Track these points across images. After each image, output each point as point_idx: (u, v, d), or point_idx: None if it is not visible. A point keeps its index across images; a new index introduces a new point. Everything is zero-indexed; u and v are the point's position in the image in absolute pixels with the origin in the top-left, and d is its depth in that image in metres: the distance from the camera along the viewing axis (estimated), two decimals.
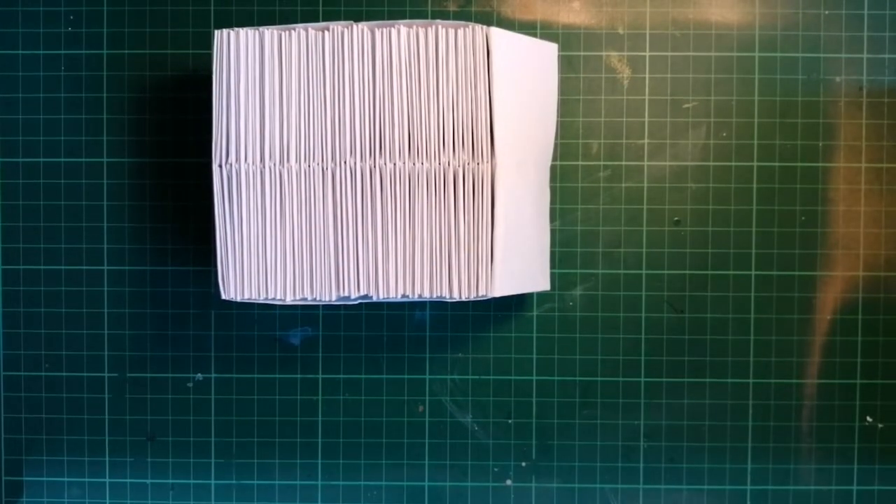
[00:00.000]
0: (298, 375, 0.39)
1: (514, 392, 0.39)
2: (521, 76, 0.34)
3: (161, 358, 0.39)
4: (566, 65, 0.39)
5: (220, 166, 0.33)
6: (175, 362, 0.39)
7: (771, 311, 0.39)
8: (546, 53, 0.35)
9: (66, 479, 0.40)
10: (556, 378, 0.39)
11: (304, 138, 0.33)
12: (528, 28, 0.39)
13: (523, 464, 0.39)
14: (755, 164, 0.39)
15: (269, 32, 0.33)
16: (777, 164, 0.39)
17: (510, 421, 0.39)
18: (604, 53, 0.39)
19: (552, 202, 0.38)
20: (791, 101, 0.39)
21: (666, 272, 0.39)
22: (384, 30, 0.32)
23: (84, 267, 0.39)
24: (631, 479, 0.39)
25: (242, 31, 0.33)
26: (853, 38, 0.38)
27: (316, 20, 0.39)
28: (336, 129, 0.33)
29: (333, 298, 0.33)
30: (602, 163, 0.39)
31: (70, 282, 0.39)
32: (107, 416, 0.40)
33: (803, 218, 0.39)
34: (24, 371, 0.39)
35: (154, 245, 0.39)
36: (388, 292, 0.33)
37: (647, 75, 0.39)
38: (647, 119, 0.39)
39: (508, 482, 0.39)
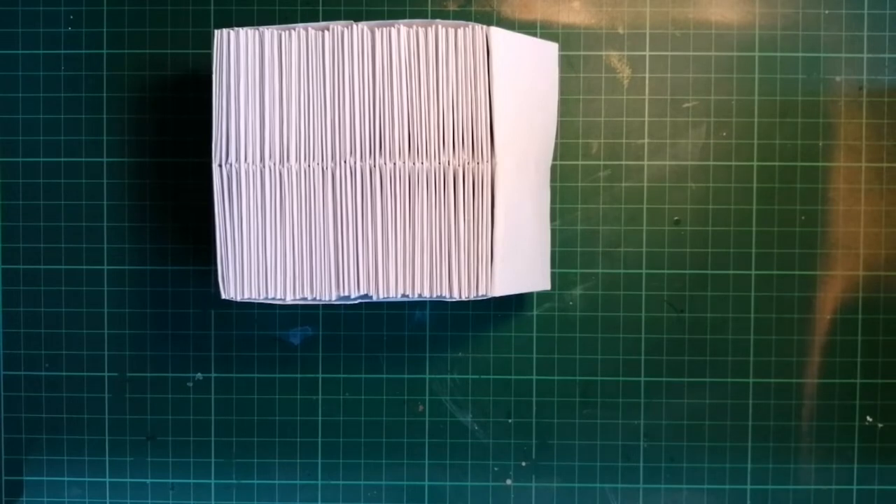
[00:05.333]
0: (298, 375, 0.39)
1: (513, 392, 0.39)
2: (522, 76, 0.34)
3: (161, 358, 0.39)
4: (566, 64, 0.39)
5: (220, 166, 0.33)
6: (175, 362, 0.39)
7: (771, 310, 0.39)
8: (546, 53, 0.35)
9: (66, 478, 0.40)
10: (556, 378, 0.39)
11: (304, 138, 0.33)
12: (528, 28, 0.39)
13: (523, 463, 0.39)
14: (755, 163, 0.39)
15: (269, 32, 0.33)
16: (777, 163, 0.39)
17: (510, 420, 0.39)
18: (604, 53, 0.39)
19: (552, 202, 0.38)
20: (791, 100, 0.39)
21: (666, 272, 0.39)
22: (384, 29, 0.32)
23: (84, 267, 0.39)
24: (631, 478, 0.39)
25: (242, 31, 0.33)
26: (853, 37, 0.39)
27: (316, 20, 0.39)
28: (336, 129, 0.33)
29: (333, 298, 0.33)
30: (602, 162, 0.39)
31: (70, 282, 0.39)
32: (107, 416, 0.40)
33: (803, 218, 0.39)
34: (24, 371, 0.40)
35: (154, 245, 0.39)
36: (388, 292, 0.33)
37: (647, 75, 0.39)
38: (647, 119, 0.39)
39: (508, 482, 0.39)
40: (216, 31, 0.33)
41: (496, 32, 0.32)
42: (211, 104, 0.33)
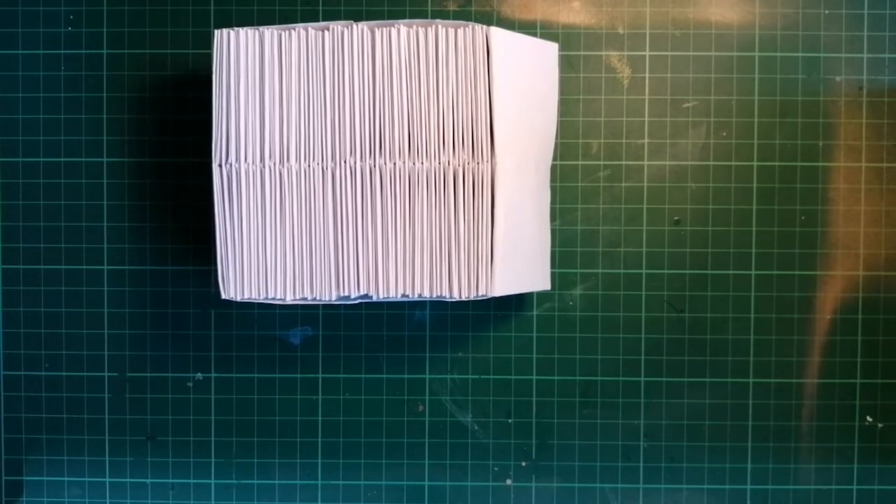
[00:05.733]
0: (298, 375, 0.39)
1: (513, 391, 0.39)
2: (522, 76, 0.34)
3: (161, 358, 0.39)
4: (566, 64, 0.39)
5: (220, 166, 0.33)
6: (175, 362, 0.39)
7: (771, 310, 0.39)
8: (546, 53, 0.35)
9: (66, 478, 0.40)
10: (556, 378, 0.39)
11: (304, 138, 0.33)
12: (528, 28, 0.39)
13: (523, 463, 0.39)
14: (755, 163, 0.39)
15: (269, 32, 0.33)
16: (777, 163, 0.39)
17: (510, 420, 0.39)
18: (604, 53, 0.39)
19: (552, 202, 0.38)
20: (791, 100, 0.39)
21: (666, 272, 0.39)
22: (384, 29, 0.32)
23: (84, 267, 0.39)
24: (631, 478, 0.39)
25: (242, 31, 0.33)
26: (853, 37, 0.39)
27: (316, 20, 0.39)
28: (336, 129, 0.33)
29: (333, 298, 0.33)
30: (602, 162, 0.39)
31: (70, 282, 0.39)
32: (107, 416, 0.40)
33: (803, 218, 0.39)
34: (24, 371, 0.40)
35: (154, 245, 0.39)
36: (388, 292, 0.33)
37: (647, 75, 0.39)
38: (647, 119, 0.39)
39: (508, 482, 0.39)
40: (216, 31, 0.33)
41: (496, 32, 0.32)
42: (211, 104, 0.33)
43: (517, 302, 0.39)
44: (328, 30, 0.33)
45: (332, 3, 0.39)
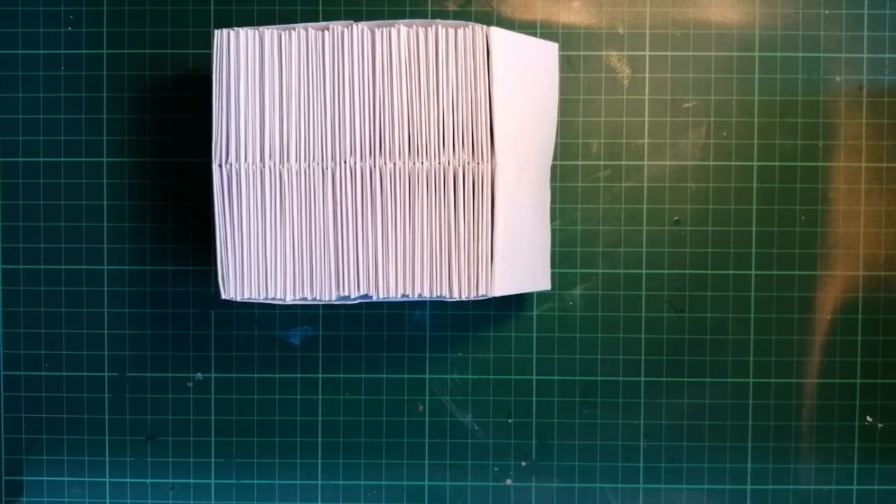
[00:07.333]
0: (298, 375, 0.39)
1: (513, 392, 0.39)
2: (521, 76, 0.34)
3: (161, 357, 0.39)
4: (566, 64, 0.39)
5: (220, 166, 0.33)
6: (175, 362, 0.39)
7: (771, 310, 0.39)
8: (546, 53, 0.35)
9: (66, 478, 0.40)
10: (556, 378, 0.39)
11: (304, 138, 0.33)
12: (528, 28, 0.39)
13: (523, 463, 0.39)
14: (755, 163, 0.39)
15: (269, 32, 0.33)
16: (777, 163, 0.39)
17: (510, 420, 0.39)
18: (604, 53, 0.39)
19: (552, 202, 0.38)
20: (791, 100, 0.39)
21: (666, 272, 0.39)
22: (384, 30, 0.32)
23: (84, 267, 0.39)
24: (631, 478, 0.39)
25: (242, 31, 0.33)
26: (853, 37, 0.39)
27: (316, 20, 0.39)
28: (336, 129, 0.33)
29: (333, 298, 0.33)
30: (602, 162, 0.39)
31: (70, 282, 0.39)
32: (107, 416, 0.40)
33: (803, 217, 0.39)
34: (24, 371, 0.40)
35: (154, 245, 0.39)
36: (388, 292, 0.33)
37: (647, 75, 0.39)
38: (647, 119, 0.39)
39: (508, 482, 0.39)
40: (216, 31, 0.33)
41: (496, 32, 0.32)
42: (211, 104, 0.33)
43: (517, 302, 0.39)
44: (328, 30, 0.33)
45: (332, 3, 0.39)
